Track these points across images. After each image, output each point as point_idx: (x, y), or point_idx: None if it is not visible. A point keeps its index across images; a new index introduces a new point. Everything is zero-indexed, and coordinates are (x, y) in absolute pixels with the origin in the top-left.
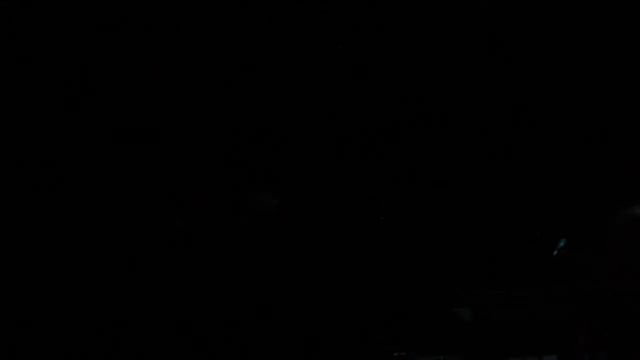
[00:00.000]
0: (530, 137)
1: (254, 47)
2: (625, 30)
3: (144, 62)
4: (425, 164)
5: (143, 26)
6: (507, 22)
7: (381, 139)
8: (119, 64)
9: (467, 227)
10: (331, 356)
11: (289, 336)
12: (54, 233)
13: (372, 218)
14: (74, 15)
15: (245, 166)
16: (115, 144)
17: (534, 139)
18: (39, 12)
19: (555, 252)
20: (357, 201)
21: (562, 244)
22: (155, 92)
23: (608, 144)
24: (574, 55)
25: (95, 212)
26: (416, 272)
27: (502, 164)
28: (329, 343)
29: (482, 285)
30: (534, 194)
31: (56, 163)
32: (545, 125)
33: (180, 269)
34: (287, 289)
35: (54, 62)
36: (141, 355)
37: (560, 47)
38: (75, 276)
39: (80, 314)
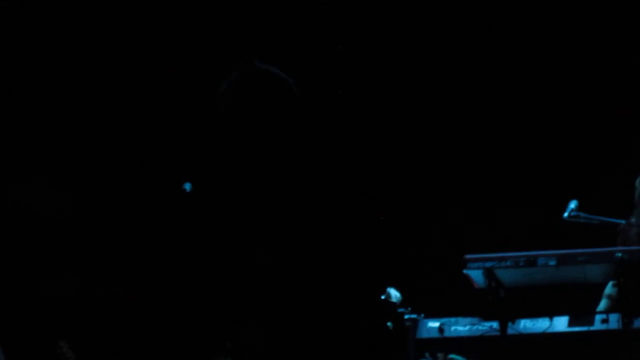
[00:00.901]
0: (542, 97)
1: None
2: None
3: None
4: (441, 124)
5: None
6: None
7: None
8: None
9: (479, 189)
10: (343, 319)
11: (301, 299)
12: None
13: (383, 183)
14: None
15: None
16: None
17: (546, 99)
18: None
19: (566, 215)
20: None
21: (572, 205)
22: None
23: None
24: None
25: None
26: (427, 235)
27: (517, 122)
28: (341, 307)
29: (493, 248)
30: (546, 156)
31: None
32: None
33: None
34: (300, 253)
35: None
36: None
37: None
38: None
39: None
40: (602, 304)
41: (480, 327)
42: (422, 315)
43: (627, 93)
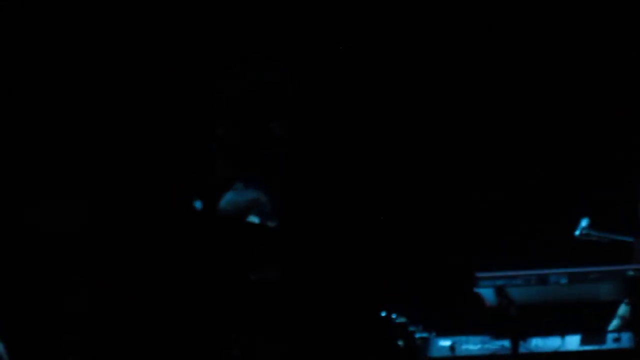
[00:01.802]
0: (552, 111)
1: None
2: None
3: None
4: (447, 144)
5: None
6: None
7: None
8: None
9: (488, 207)
10: (353, 338)
11: (308, 315)
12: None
13: (390, 200)
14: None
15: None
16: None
17: (555, 113)
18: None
19: (577, 232)
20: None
21: (584, 223)
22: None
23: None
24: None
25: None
26: (438, 253)
27: (524, 140)
28: (351, 325)
29: (504, 266)
30: (556, 174)
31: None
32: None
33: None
34: (306, 268)
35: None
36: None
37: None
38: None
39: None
40: (615, 323)
41: (491, 346)
42: (434, 333)
43: None
